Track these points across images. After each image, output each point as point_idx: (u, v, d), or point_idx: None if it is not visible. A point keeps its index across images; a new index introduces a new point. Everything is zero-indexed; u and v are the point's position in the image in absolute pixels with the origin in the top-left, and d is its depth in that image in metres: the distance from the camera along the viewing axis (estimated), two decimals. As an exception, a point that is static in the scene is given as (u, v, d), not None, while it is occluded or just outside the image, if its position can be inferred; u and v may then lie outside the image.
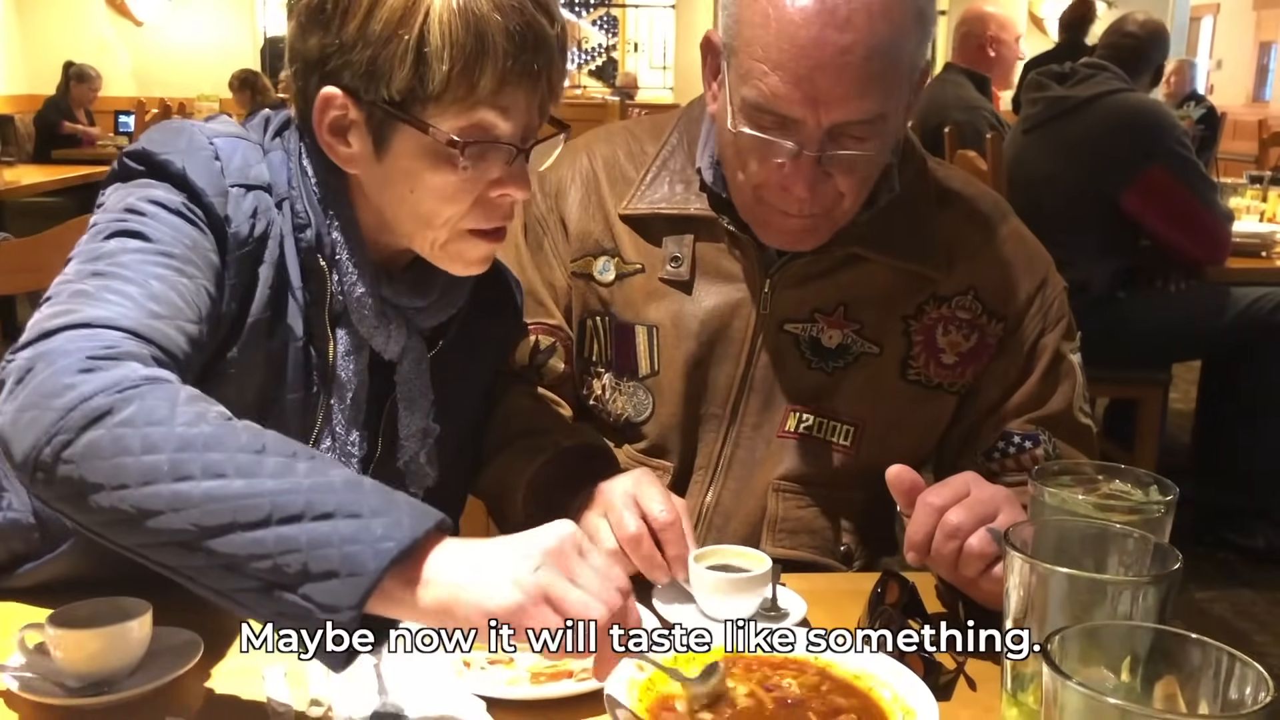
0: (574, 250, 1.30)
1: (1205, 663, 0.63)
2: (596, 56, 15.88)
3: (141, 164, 1.02)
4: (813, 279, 1.25)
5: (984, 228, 1.29)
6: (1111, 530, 0.82)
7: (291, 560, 0.77)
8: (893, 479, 1.05)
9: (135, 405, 0.81)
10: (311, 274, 1.06)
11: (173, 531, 0.78)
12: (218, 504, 0.78)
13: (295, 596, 0.77)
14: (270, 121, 1.10)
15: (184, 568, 0.80)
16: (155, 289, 0.92)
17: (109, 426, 0.80)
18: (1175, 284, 3.18)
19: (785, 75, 1.07)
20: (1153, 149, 2.97)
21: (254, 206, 1.03)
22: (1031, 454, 1.25)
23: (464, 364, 1.21)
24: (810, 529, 1.27)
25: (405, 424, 1.14)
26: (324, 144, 1.04)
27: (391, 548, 0.77)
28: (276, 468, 0.80)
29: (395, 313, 1.10)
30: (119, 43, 9.67)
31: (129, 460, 0.79)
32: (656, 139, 1.32)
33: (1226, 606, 2.92)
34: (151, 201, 0.99)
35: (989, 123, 3.85)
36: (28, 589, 1.08)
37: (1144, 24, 3.37)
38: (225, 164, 1.02)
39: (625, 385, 1.29)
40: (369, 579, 0.76)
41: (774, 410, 1.26)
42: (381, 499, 0.80)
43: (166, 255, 0.96)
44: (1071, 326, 1.30)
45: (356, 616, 0.76)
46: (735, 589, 1.08)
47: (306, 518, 0.77)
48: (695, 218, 1.26)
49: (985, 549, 0.99)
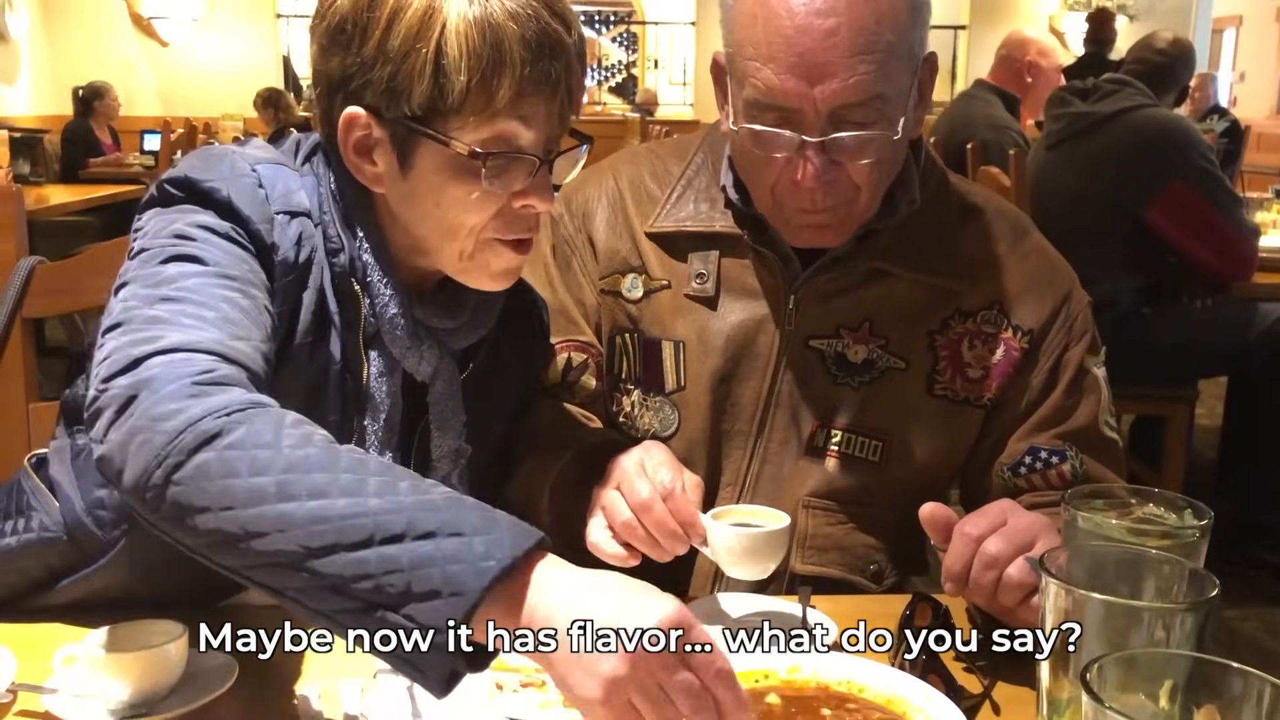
0: (602, 268, 1.32)
1: (1247, 692, 0.62)
2: (616, 73, 15.95)
3: (184, 190, 1.02)
4: (837, 295, 1.25)
5: (1007, 242, 1.29)
6: (1147, 556, 0.81)
7: (395, 580, 0.76)
8: (926, 517, 1.05)
9: (244, 429, 0.82)
10: (346, 298, 1.07)
11: (277, 552, 0.78)
12: (322, 525, 0.78)
13: (398, 616, 0.76)
14: (300, 146, 1.11)
15: (287, 589, 0.80)
16: (228, 312, 0.93)
17: (218, 449, 0.81)
18: (1201, 300, 3.15)
19: (777, 66, 1.09)
20: (1177, 164, 2.95)
21: (298, 233, 1.03)
22: (1059, 469, 1.24)
23: (493, 385, 1.22)
24: (840, 546, 1.27)
25: (438, 445, 1.15)
26: (350, 164, 1.05)
27: (493, 566, 0.76)
28: (379, 487, 0.80)
29: (427, 334, 1.11)
30: (145, 63, 9.78)
31: (236, 482, 0.79)
32: (681, 159, 1.33)
33: (1258, 625, 2.89)
34: (200, 227, 0.99)
35: (1015, 142, 3.83)
36: (65, 607, 1.10)
37: (1173, 42, 3.36)
38: (269, 191, 1.03)
39: (652, 400, 1.30)
40: (471, 599, 0.75)
41: (801, 426, 1.27)
42: (483, 517, 0.80)
43: (229, 278, 0.96)
44: (1096, 341, 1.29)
45: (459, 636, 0.75)
46: (754, 545, 1.06)
47: (409, 537, 0.77)
48: (720, 234, 1.27)
49: (1025, 579, 0.98)
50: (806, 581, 1.24)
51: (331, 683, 0.96)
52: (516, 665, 1.00)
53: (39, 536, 1.10)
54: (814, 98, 1.09)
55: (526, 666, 1.00)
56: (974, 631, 1.07)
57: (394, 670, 0.80)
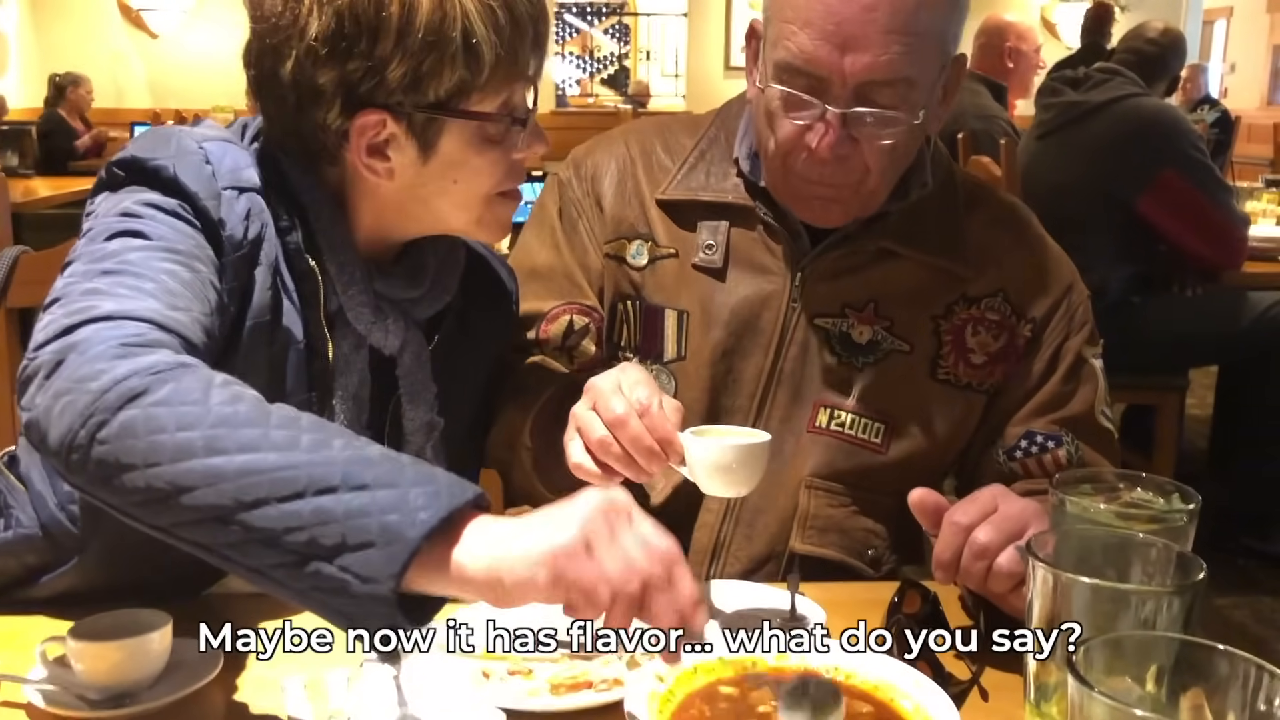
0: (609, 233, 1.31)
1: (1233, 674, 0.62)
2: (609, 65, 15.90)
3: (131, 171, 1.02)
4: (844, 274, 1.26)
5: (1012, 232, 1.30)
6: (1134, 539, 0.81)
7: (328, 531, 0.75)
8: (915, 502, 1.04)
9: (170, 386, 0.81)
10: (302, 275, 1.06)
11: (207, 507, 0.77)
12: (252, 477, 0.77)
13: (332, 568, 0.75)
14: (248, 128, 1.11)
15: (218, 545, 0.79)
16: (168, 283, 0.93)
17: (143, 406, 0.80)
18: (1191, 289, 3.16)
19: (813, 32, 1.10)
20: (1167, 154, 2.95)
21: (247, 209, 1.03)
22: (1054, 454, 1.25)
23: (463, 357, 1.22)
24: (840, 528, 1.27)
25: (410, 418, 1.15)
26: (363, 167, 1.05)
27: (429, 517, 0.76)
28: (311, 443, 0.79)
29: (390, 306, 1.11)
30: (135, 55, 9.72)
31: (164, 438, 0.79)
32: (693, 132, 1.34)
33: (1247, 613, 2.90)
34: (147, 204, 0.99)
35: (1005, 131, 3.83)
36: (47, 600, 1.09)
37: (1164, 32, 3.36)
38: (216, 167, 1.02)
39: (649, 369, 1.28)
40: (408, 547, 0.74)
41: (803, 404, 1.26)
42: (419, 471, 0.79)
43: (172, 252, 0.96)
44: (1094, 333, 1.30)
45: (396, 587, 0.75)
46: (733, 458, 1.04)
47: (343, 489, 0.77)
48: (732, 205, 1.28)
49: (1014, 568, 0.98)
50: (805, 561, 1.25)
51: (318, 673, 0.95)
52: (503, 654, 1.00)
53: (15, 535, 1.09)
54: (843, 68, 1.10)
55: (513, 655, 1.00)
56: (975, 624, 1.06)
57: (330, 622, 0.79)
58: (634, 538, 0.79)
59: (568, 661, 1.00)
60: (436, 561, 0.76)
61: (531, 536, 0.77)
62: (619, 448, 1.02)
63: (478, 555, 0.76)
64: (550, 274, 1.33)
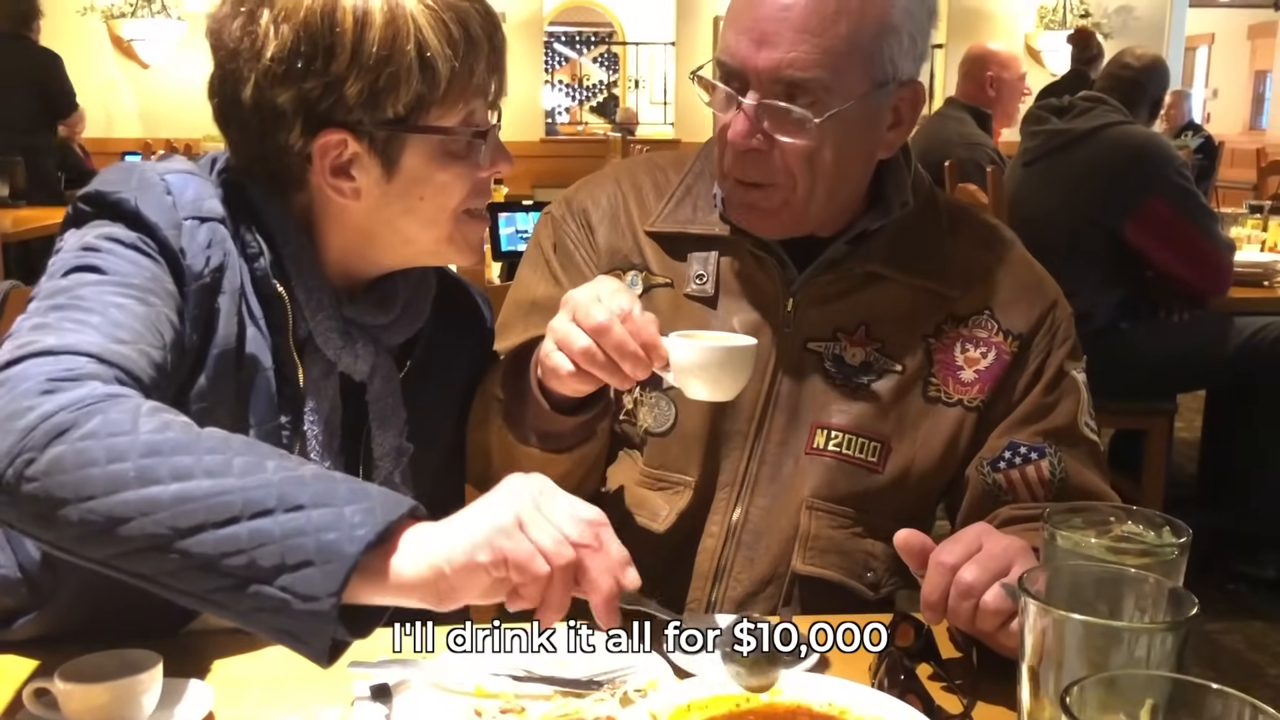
0: (604, 263, 1.33)
1: (1227, 713, 0.62)
2: (598, 93, 16.01)
3: (95, 205, 1.03)
4: (834, 298, 1.27)
5: (994, 251, 1.32)
6: (1127, 575, 0.81)
7: (266, 553, 0.77)
8: (900, 544, 1.05)
9: (98, 419, 0.81)
10: (270, 301, 1.07)
11: (144, 537, 0.78)
12: (188, 504, 0.78)
13: (272, 589, 0.77)
14: (216, 161, 1.12)
15: (158, 574, 0.80)
16: (116, 316, 0.93)
17: (71, 441, 0.80)
18: (1178, 314, 3.18)
19: (737, 28, 1.18)
20: (1153, 181, 2.98)
21: (209, 238, 1.04)
22: (1037, 465, 1.26)
23: (436, 383, 1.22)
24: (841, 549, 1.27)
25: (379, 443, 1.15)
26: (329, 189, 1.05)
27: (366, 533, 0.78)
28: (245, 466, 0.81)
29: (360, 332, 1.12)
30: (126, 85, 9.73)
31: (95, 471, 0.79)
32: (679, 169, 1.36)
33: (1239, 638, 2.90)
34: (107, 238, 1.00)
35: (990, 158, 3.87)
36: (26, 643, 1.07)
37: (1143, 57, 3.40)
38: (177, 198, 1.03)
39: (648, 396, 1.30)
40: (346, 564, 0.77)
41: (800, 427, 1.27)
42: (353, 489, 0.81)
43: (125, 285, 0.96)
44: (1077, 349, 1.32)
45: (336, 604, 0.77)
46: (720, 358, 1.04)
47: (279, 510, 0.78)
48: (719, 237, 1.30)
49: (1001, 605, 0.98)
50: (805, 582, 1.26)
51: (309, 712, 0.94)
52: (496, 691, 0.99)
53: None
54: (757, 62, 1.16)
55: (505, 693, 1.00)
56: (967, 657, 1.06)
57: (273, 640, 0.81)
58: (561, 511, 0.84)
59: (560, 699, 0.99)
60: (375, 573, 0.79)
61: (466, 525, 0.82)
62: (603, 355, 1.03)
63: (417, 558, 0.80)
64: (550, 304, 1.32)
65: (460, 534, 0.81)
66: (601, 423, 1.20)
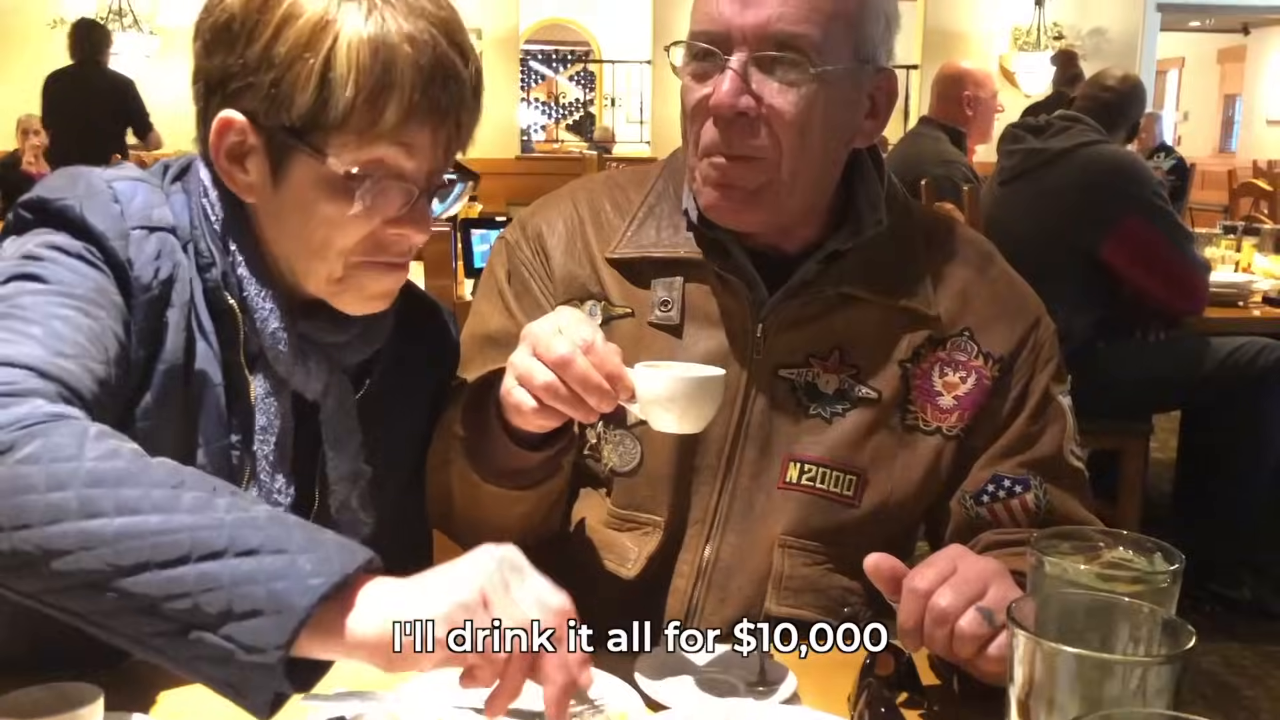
0: (560, 294, 1.27)
1: (1231, 754, 0.59)
2: (574, 111, 16.03)
3: (37, 213, 0.99)
4: (806, 322, 1.22)
5: (974, 267, 1.27)
6: (1119, 604, 0.78)
7: (213, 599, 0.73)
8: (871, 569, 1.02)
9: (40, 441, 0.77)
10: (221, 314, 1.03)
11: (82, 573, 0.73)
12: (131, 541, 0.73)
13: (216, 637, 0.73)
14: (169, 167, 1.09)
15: (93, 613, 0.75)
16: (58, 328, 0.89)
17: (9, 464, 0.75)
18: (1154, 334, 3.18)
19: None
20: (1131, 201, 2.98)
21: (158, 249, 1.00)
22: (1021, 499, 1.22)
23: (399, 407, 1.17)
24: (816, 588, 1.23)
25: (334, 466, 1.10)
26: (221, 170, 1.02)
27: (321, 584, 0.73)
28: (195, 503, 0.76)
29: (314, 349, 1.07)
30: (95, 98, 9.65)
31: (34, 499, 0.74)
32: (641, 187, 1.30)
33: (1217, 660, 2.88)
34: (50, 247, 0.95)
35: (965, 176, 3.87)
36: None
37: (1124, 79, 3.42)
38: (125, 206, 0.99)
39: (611, 434, 1.24)
40: (297, 616, 0.72)
41: (771, 460, 1.22)
42: (307, 536, 0.77)
43: (68, 296, 0.92)
44: (1061, 369, 1.27)
45: (284, 657, 0.72)
46: (687, 390, 1.00)
47: (229, 554, 0.74)
48: (684, 260, 1.24)
49: (976, 630, 0.95)
50: (781, 624, 1.20)
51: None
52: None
53: None
54: (743, 20, 1.12)
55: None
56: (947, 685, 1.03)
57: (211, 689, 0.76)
58: (529, 595, 0.80)
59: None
60: (327, 627, 0.75)
61: (428, 594, 0.77)
62: (566, 389, 0.98)
63: (371, 618, 0.75)
64: (506, 339, 1.26)
65: (422, 602, 0.77)
66: (566, 456, 1.14)
